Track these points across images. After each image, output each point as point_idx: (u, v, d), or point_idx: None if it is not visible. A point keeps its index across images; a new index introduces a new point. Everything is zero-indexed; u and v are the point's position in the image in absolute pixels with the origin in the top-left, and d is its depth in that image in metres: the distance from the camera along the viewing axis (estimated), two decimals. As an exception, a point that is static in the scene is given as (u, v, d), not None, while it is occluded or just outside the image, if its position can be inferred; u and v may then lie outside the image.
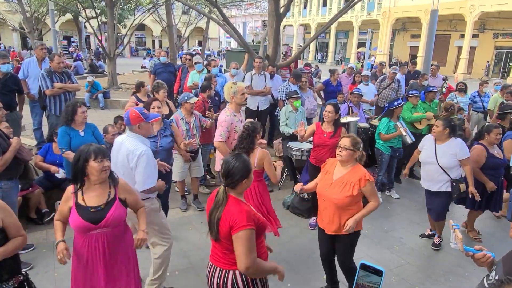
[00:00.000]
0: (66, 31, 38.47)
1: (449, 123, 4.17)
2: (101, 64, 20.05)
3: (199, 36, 37.64)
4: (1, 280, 2.15)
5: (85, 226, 2.36)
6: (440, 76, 8.98)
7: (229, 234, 2.10)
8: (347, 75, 8.93)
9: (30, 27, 18.17)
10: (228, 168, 2.18)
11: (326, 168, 3.22)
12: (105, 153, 2.40)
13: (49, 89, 5.31)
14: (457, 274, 3.94)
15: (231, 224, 2.08)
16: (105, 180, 2.44)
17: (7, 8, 24.17)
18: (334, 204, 2.99)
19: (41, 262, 3.78)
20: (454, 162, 4.12)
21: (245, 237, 2.06)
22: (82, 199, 2.39)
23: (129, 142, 2.96)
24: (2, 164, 3.28)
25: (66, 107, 4.10)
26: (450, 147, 4.14)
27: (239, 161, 2.19)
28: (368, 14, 34.99)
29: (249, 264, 2.06)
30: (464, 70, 26.63)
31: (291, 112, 5.68)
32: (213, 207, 2.20)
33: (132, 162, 2.90)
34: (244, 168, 2.19)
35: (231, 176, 2.17)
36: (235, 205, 2.15)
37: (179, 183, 5.08)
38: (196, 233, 4.53)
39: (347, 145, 3.00)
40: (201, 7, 17.27)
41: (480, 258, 1.93)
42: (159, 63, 8.25)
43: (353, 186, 2.94)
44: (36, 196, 4.48)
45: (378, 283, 1.48)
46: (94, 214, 2.37)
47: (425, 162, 4.34)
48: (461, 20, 27.32)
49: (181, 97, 4.79)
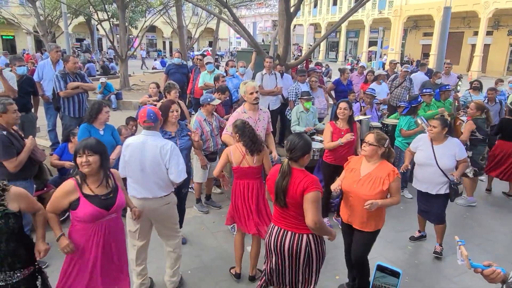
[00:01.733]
0: (78, 33, 39.05)
1: (447, 123, 4.00)
2: (113, 66, 20.30)
3: (209, 37, 37.82)
4: (13, 268, 2.22)
5: (99, 213, 2.49)
6: (453, 74, 8.85)
7: (300, 198, 2.49)
8: (358, 74, 8.87)
9: (43, 30, 18.49)
10: (292, 144, 2.58)
11: (351, 166, 3.27)
12: (86, 149, 2.41)
13: (62, 91, 5.39)
14: (472, 275, 3.85)
15: (304, 187, 2.47)
16: (97, 173, 2.50)
17: (22, 12, 24.64)
18: (365, 200, 3.01)
19: (57, 261, 3.81)
20: (453, 163, 3.96)
21: (315, 197, 2.47)
22: (89, 189, 2.49)
23: (153, 139, 3.04)
24: (17, 165, 3.34)
25: (92, 105, 4.21)
26: (449, 147, 3.96)
27: (301, 139, 2.59)
28: (379, 13, 34.64)
29: (316, 220, 2.47)
30: (478, 68, 26.15)
31: (302, 113, 5.65)
32: (279, 178, 2.57)
33: (166, 156, 3.01)
34: (305, 145, 2.58)
35: (295, 151, 2.57)
36: (303, 173, 2.56)
37: (198, 185, 5.05)
38: (208, 233, 4.55)
39: (370, 140, 3.05)
40: (211, 8, 17.33)
41: (490, 274, 1.84)
42: (172, 64, 8.32)
43: (383, 181, 2.98)
44: (50, 196, 4.53)
45: (395, 284, 1.47)
46: (106, 201, 2.52)
47: (422, 164, 4.09)
48: (474, 17, 26.84)
49: (203, 98, 4.74)
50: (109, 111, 4.26)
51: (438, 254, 4.19)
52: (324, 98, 7.06)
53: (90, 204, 2.45)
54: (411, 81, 8.04)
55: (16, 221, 2.20)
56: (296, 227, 2.62)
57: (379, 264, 1.50)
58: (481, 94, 7.80)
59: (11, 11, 21.60)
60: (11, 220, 2.16)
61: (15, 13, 21.04)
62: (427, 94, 6.22)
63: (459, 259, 2.09)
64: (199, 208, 5.11)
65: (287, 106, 6.88)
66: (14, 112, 3.41)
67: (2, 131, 3.33)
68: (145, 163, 3.01)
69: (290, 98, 6.68)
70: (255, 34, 20.18)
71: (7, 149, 3.32)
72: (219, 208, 5.15)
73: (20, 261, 2.27)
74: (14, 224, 2.18)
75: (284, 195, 2.54)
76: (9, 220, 2.15)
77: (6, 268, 2.19)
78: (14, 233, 2.21)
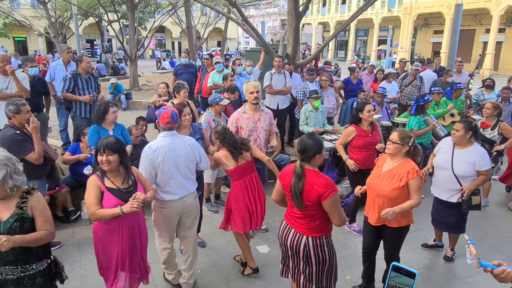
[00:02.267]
0: (89, 34, 39.47)
1: (471, 126, 3.70)
2: (122, 66, 20.47)
3: (218, 37, 37.89)
4: (28, 263, 2.27)
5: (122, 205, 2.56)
6: (465, 72, 8.72)
7: (317, 201, 2.49)
8: (368, 73, 8.80)
9: (55, 31, 18.72)
10: (303, 145, 2.58)
11: (377, 163, 3.31)
12: (106, 148, 2.55)
13: (62, 93, 5.50)
14: (486, 276, 3.80)
15: (319, 193, 2.47)
16: (116, 170, 2.64)
17: (33, 14, 24.99)
18: (383, 196, 3.05)
19: (68, 260, 3.88)
20: (470, 171, 3.68)
21: (334, 200, 2.51)
22: (110, 182, 2.63)
23: (178, 138, 3.17)
24: (38, 156, 3.41)
25: (98, 106, 4.25)
26: (470, 154, 3.69)
27: (312, 140, 2.58)
28: (388, 11, 34.33)
29: (342, 221, 2.58)
30: (490, 66, 25.76)
31: (311, 112, 5.63)
32: (295, 180, 2.55)
33: (196, 150, 3.23)
34: (316, 145, 2.57)
35: (306, 152, 2.56)
36: (317, 176, 2.55)
37: (207, 185, 5.05)
38: (218, 232, 4.55)
39: (394, 138, 3.07)
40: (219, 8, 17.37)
41: (500, 273, 1.78)
42: (180, 64, 8.36)
43: (400, 178, 2.98)
44: (62, 195, 4.61)
45: (411, 285, 1.46)
46: (127, 194, 2.61)
47: (438, 167, 3.93)
48: (486, 14, 26.44)
49: (212, 98, 4.73)
50: (116, 111, 4.23)
51: (448, 260, 4.06)
52: (335, 98, 7.01)
53: (113, 197, 2.58)
54: (421, 79, 7.95)
55: (31, 226, 2.21)
56: (298, 226, 2.67)
57: (394, 264, 1.49)
58: (493, 92, 7.68)
59: (23, 13, 21.91)
60: (26, 224, 2.18)
61: (27, 15, 21.36)
62: (436, 93, 6.14)
63: (468, 258, 2.05)
64: (209, 207, 5.12)
65: (296, 106, 6.86)
66: (27, 112, 3.45)
67: (16, 130, 3.38)
68: (179, 161, 3.10)
69: (298, 97, 6.66)
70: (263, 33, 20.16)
71: (23, 146, 3.37)
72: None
73: (35, 256, 2.30)
74: (29, 228, 2.20)
75: (301, 197, 2.55)
76: (24, 224, 2.17)
77: (21, 263, 2.23)
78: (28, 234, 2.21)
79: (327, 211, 2.52)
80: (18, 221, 2.14)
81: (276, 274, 3.71)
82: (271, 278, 3.67)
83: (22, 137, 3.38)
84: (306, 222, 2.61)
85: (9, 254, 2.18)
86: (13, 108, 3.39)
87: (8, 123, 3.46)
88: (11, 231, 2.12)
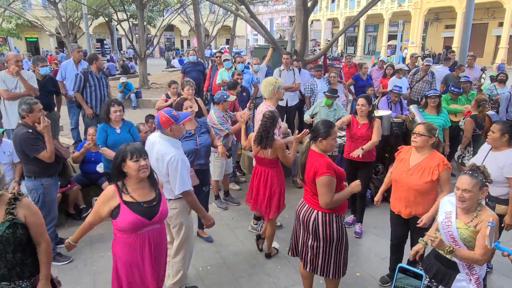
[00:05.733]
0: (99, 34, 39.85)
1: (509, 128, 3.34)
2: (132, 65, 20.63)
3: (227, 34, 37.87)
4: (22, 278, 2.17)
5: (140, 221, 2.34)
6: (477, 66, 8.58)
7: (313, 178, 2.74)
8: (378, 69, 8.71)
9: (65, 31, 18.92)
10: (315, 126, 2.90)
11: (401, 156, 3.29)
12: (142, 152, 2.35)
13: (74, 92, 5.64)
14: (498, 274, 3.75)
15: (315, 171, 2.73)
16: (144, 179, 2.41)
17: (45, 14, 25.32)
18: (414, 190, 3.05)
19: (80, 256, 3.94)
20: (498, 176, 3.26)
21: (325, 181, 2.69)
22: (129, 196, 2.35)
23: (161, 144, 2.91)
24: (50, 155, 3.43)
25: (102, 106, 4.29)
26: (501, 158, 3.32)
27: (322, 124, 2.86)
28: (399, 6, 33.87)
29: (328, 202, 2.72)
30: (504, 60, 25.27)
31: (323, 107, 5.59)
32: (300, 155, 2.94)
33: (163, 169, 2.88)
34: (323, 129, 2.81)
35: (313, 131, 2.87)
36: (317, 156, 2.80)
37: (215, 183, 5.05)
38: (227, 229, 4.57)
39: (421, 131, 3.06)
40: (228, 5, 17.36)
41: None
42: (188, 62, 8.37)
43: (432, 171, 2.98)
44: (74, 193, 4.67)
45: (418, 286, 1.45)
46: (148, 209, 2.37)
47: None
48: (499, 7, 25.92)
49: (219, 96, 4.73)
50: (119, 110, 4.08)
51: None
52: (344, 94, 6.96)
53: (130, 212, 2.32)
54: (432, 74, 7.83)
55: (24, 232, 2.10)
56: (309, 201, 2.93)
57: (400, 266, 1.49)
58: (505, 87, 7.53)
59: (35, 14, 22.19)
60: (18, 230, 2.07)
61: (38, 16, 21.63)
62: (455, 93, 6.05)
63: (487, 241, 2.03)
64: (218, 204, 5.13)
65: (305, 103, 6.83)
66: (39, 111, 3.50)
67: (28, 129, 3.43)
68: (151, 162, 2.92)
69: (306, 94, 6.63)
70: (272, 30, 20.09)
71: (36, 145, 3.41)
72: (238, 204, 5.16)
73: (29, 270, 2.20)
74: (22, 235, 2.09)
75: (303, 172, 2.85)
76: (17, 231, 2.06)
77: (14, 278, 2.14)
78: (22, 244, 2.11)
79: (318, 190, 2.74)
80: (10, 227, 2.03)
81: (285, 270, 3.72)
82: (280, 275, 3.67)
83: (35, 136, 3.43)
84: (316, 198, 2.82)
85: (1, 267, 2.08)
86: (26, 107, 3.44)
87: (21, 122, 3.51)
88: (3, 239, 2.02)
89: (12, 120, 5.02)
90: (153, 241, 2.44)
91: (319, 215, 2.82)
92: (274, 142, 3.65)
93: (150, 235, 2.42)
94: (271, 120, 3.64)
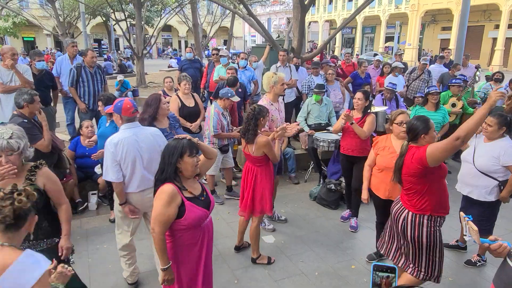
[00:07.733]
0: (96, 34, 39.82)
1: (506, 121, 3.36)
2: (129, 64, 20.62)
3: (224, 35, 37.93)
4: (37, 239, 2.31)
5: (204, 214, 2.37)
6: (471, 65, 8.65)
7: (415, 167, 2.59)
8: (375, 67, 8.75)
9: (63, 31, 18.93)
10: (410, 125, 2.74)
11: (381, 145, 3.42)
12: (196, 148, 2.34)
13: (69, 87, 5.68)
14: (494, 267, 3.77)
15: (419, 156, 2.56)
16: None
17: (42, 14, 25.29)
18: None
19: (75, 249, 3.89)
20: (494, 166, 3.35)
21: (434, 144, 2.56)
22: (188, 192, 2.33)
23: (142, 129, 3.04)
24: (48, 144, 3.49)
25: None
26: (494, 147, 3.36)
27: (419, 121, 2.70)
28: (396, 7, 34.04)
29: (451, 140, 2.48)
30: (500, 62, 25.45)
31: (314, 105, 5.60)
32: (397, 158, 2.80)
33: (161, 140, 3.07)
34: (422, 125, 2.67)
35: (412, 131, 2.71)
36: (415, 148, 2.66)
37: (211, 178, 5.04)
38: (223, 223, 4.57)
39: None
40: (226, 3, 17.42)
41: (497, 248, 1.88)
42: (185, 60, 8.39)
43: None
44: (70, 186, 4.64)
45: (394, 276, 1.53)
46: (204, 202, 2.40)
47: (463, 160, 3.69)
48: (495, 10, 26.11)
49: (224, 92, 4.72)
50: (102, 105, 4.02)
51: (470, 264, 3.78)
52: (341, 92, 6.98)
53: (196, 207, 2.31)
54: (429, 73, 7.88)
55: (41, 198, 2.22)
56: (403, 199, 2.88)
57: (375, 264, 1.57)
58: (501, 88, 7.57)
59: (32, 13, 22.18)
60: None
61: (35, 15, 21.62)
62: (456, 85, 6.00)
63: (466, 235, 2.13)
64: (214, 199, 5.12)
65: (302, 99, 6.84)
66: (38, 103, 3.54)
67: (23, 119, 3.42)
68: (142, 154, 2.96)
69: (303, 91, 6.65)
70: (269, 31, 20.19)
71: (34, 134, 3.42)
72: (237, 198, 5.10)
73: (43, 233, 2.32)
74: (38, 200, 2.13)
75: (400, 172, 2.78)
76: None
77: (30, 238, 2.26)
78: (38, 208, 2.18)
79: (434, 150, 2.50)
80: None
81: (281, 263, 3.73)
82: (276, 267, 3.67)
83: (31, 126, 3.43)
84: (408, 198, 2.80)
85: None
86: (28, 98, 3.46)
87: (16, 113, 3.51)
88: None
89: (7, 113, 4.99)
90: (210, 232, 2.51)
91: (409, 215, 2.79)
92: (257, 138, 3.47)
93: (209, 227, 2.49)
94: (254, 113, 3.47)
